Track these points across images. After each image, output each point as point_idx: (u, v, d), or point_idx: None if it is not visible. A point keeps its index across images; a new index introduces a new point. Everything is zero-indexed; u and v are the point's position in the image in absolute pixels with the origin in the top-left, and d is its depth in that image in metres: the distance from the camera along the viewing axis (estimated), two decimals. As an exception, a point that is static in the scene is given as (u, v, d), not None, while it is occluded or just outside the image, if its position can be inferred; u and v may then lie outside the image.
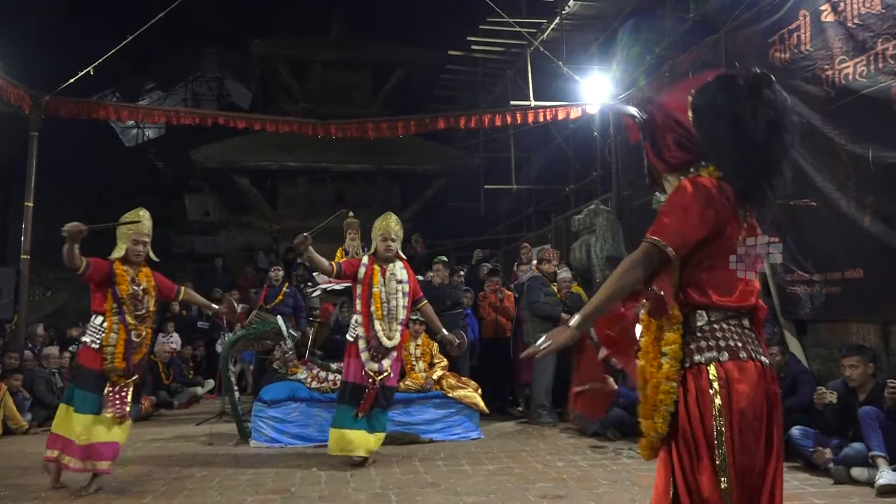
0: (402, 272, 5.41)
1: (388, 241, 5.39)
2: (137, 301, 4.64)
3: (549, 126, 12.03)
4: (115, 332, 4.50)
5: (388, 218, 5.50)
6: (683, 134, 2.07)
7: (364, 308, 5.27)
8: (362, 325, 5.25)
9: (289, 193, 16.54)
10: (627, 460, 5.30)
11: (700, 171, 2.05)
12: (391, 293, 5.30)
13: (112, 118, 10.90)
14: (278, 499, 4.19)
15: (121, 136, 22.19)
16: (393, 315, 5.29)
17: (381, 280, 5.31)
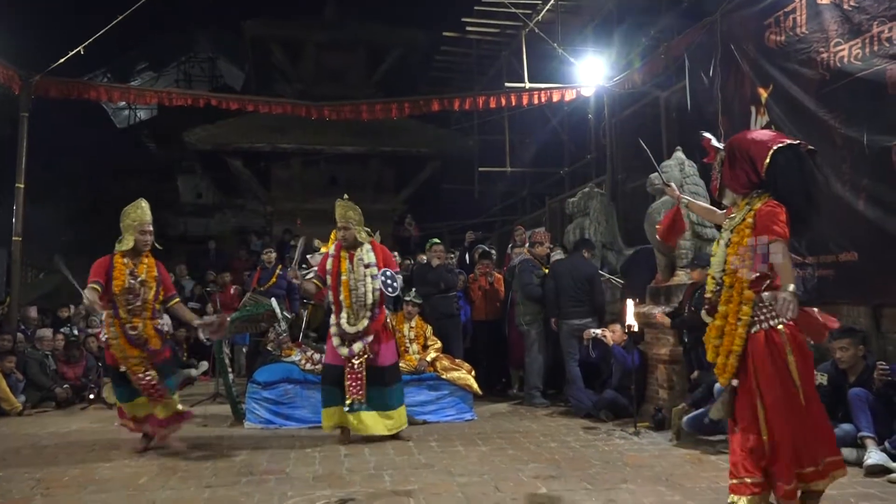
0: (369, 255, 5.45)
1: (343, 229, 5.45)
2: (133, 294, 4.82)
3: (544, 108, 12.00)
4: (112, 327, 4.73)
5: (340, 206, 5.52)
6: (751, 172, 3.17)
7: (334, 297, 5.40)
8: (334, 312, 5.41)
9: (282, 175, 16.48)
10: (619, 441, 5.34)
11: (761, 197, 3.17)
12: (359, 279, 5.36)
13: (103, 99, 10.79)
14: (273, 479, 4.21)
15: (112, 117, 21.99)
16: (361, 301, 5.33)
17: (348, 267, 5.39)
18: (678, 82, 8.62)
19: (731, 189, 3.30)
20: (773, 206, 3.09)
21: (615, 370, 6.37)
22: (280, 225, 15.19)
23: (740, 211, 3.25)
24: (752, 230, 3.12)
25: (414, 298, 6.92)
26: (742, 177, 3.21)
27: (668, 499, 3.71)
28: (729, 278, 3.23)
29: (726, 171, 3.28)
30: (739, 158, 3.21)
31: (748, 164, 3.18)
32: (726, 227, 3.33)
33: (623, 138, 10.45)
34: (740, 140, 3.29)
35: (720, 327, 3.25)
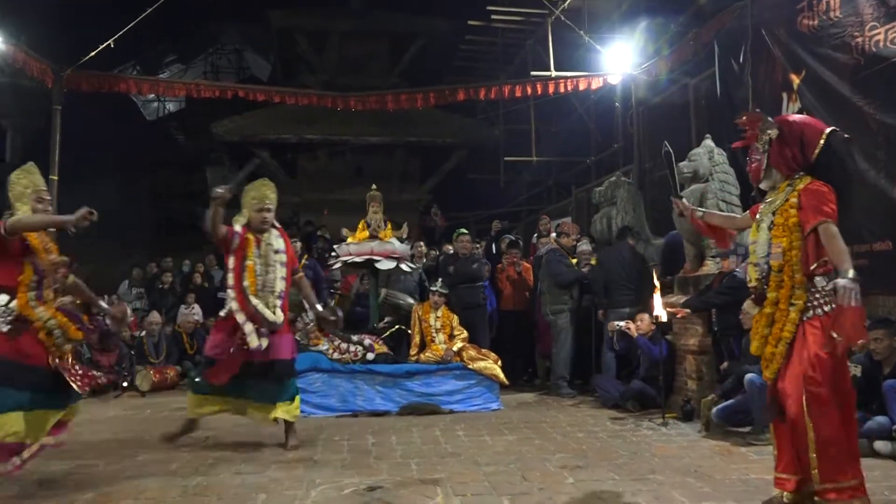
0: (278, 241, 5.06)
1: (264, 211, 4.99)
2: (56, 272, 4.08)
3: (570, 97, 11.89)
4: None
5: (262, 186, 5.09)
6: (798, 154, 3.14)
7: (237, 282, 4.86)
8: (236, 300, 4.82)
9: (308, 166, 16.58)
10: (647, 432, 5.31)
11: (802, 178, 3.13)
12: (269, 265, 4.96)
13: (133, 91, 10.93)
14: (301, 467, 4.26)
15: (142, 109, 22.29)
16: (270, 288, 4.92)
17: (255, 251, 4.92)
18: (707, 69, 8.49)
19: (778, 169, 3.22)
20: (820, 186, 3.03)
21: (642, 361, 6.33)
22: (307, 215, 15.28)
23: (780, 192, 3.19)
24: (796, 210, 3.05)
25: (440, 288, 6.94)
26: (789, 158, 3.16)
27: (696, 490, 3.68)
28: (777, 262, 3.10)
29: (775, 150, 3.19)
30: (790, 139, 3.15)
31: (797, 146, 3.13)
32: (766, 211, 3.24)
33: (651, 127, 10.32)
34: (791, 121, 3.24)
35: (770, 315, 3.12)
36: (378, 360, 6.47)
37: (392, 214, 8.23)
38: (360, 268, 7.62)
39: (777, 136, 3.19)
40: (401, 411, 6.20)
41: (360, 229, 7.36)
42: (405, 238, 7.77)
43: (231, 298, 4.86)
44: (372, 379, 6.34)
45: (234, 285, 4.86)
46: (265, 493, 3.66)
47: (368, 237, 7.18)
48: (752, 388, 4.86)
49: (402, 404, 6.26)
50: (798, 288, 3.03)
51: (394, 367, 6.44)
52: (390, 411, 6.21)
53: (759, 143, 3.28)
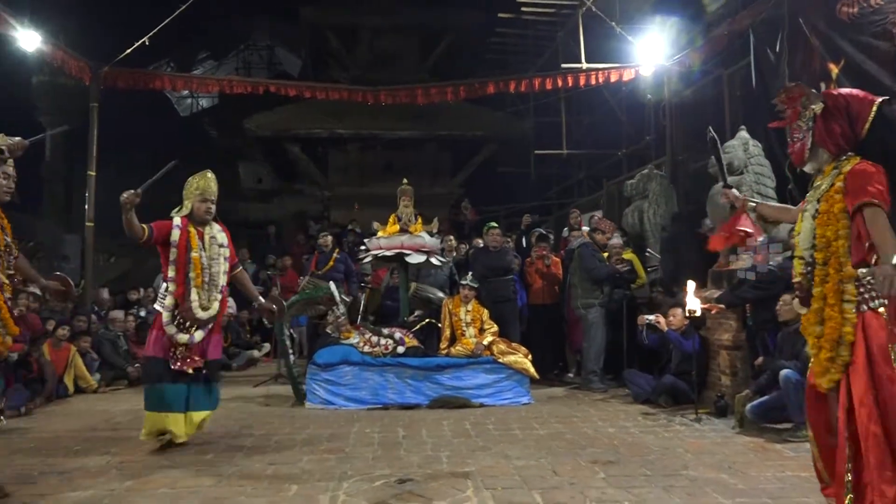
0: (221, 235, 4.98)
1: (208, 202, 4.91)
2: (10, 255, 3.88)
3: (601, 89, 11.79)
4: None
5: (205, 177, 5.02)
6: (847, 130, 2.83)
7: (180, 275, 4.72)
8: (174, 294, 4.70)
9: (339, 161, 16.68)
10: (679, 427, 5.25)
11: (849, 160, 2.82)
12: (213, 258, 4.85)
13: (167, 88, 11.14)
14: (333, 458, 4.30)
15: (176, 105, 22.65)
16: (214, 282, 4.83)
17: (199, 244, 4.81)
18: (742, 59, 8.34)
19: (825, 147, 2.91)
20: (867, 166, 2.74)
21: (674, 354, 6.26)
22: (338, 210, 15.40)
23: (826, 176, 2.90)
24: (842, 195, 2.76)
25: (470, 282, 6.94)
26: (837, 134, 2.85)
27: (730, 487, 3.63)
28: (822, 254, 2.82)
29: (821, 127, 2.89)
30: (836, 113, 2.86)
31: (845, 120, 2.84)
32: (811, 198, 2.95)
33: (683, 118, 10.17)
34: (836, 94, 2.92)
35: (818, 311, 2.82)
36: (408, 354, 6.50)
37: (422, 208, 8.24)
38: (391, 261, 7.65)
39: (822, 111, 2.89)
40: (431, 404, 6.22)
41: (391, 223, 7.39)
42: (435, 232, 7.78)
43: (169, 292, 4.72)
44: (402, 372, 6.38)
45: (176, 277, 4.71)
46: (297, 484, 3.70)
47: (399, 231, 7.21)
48: (788, 385, 4.77)
49: (433, 397, 6.28)
50: (846, 282, 2.73)
51: (424, 360, 6.47)
52: (421, 404, 6.24)
53: (801, 121, 2.98)
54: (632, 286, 7.82)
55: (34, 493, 3.58)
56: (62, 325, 7.34)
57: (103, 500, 3.43)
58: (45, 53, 8.73)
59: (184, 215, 4.87)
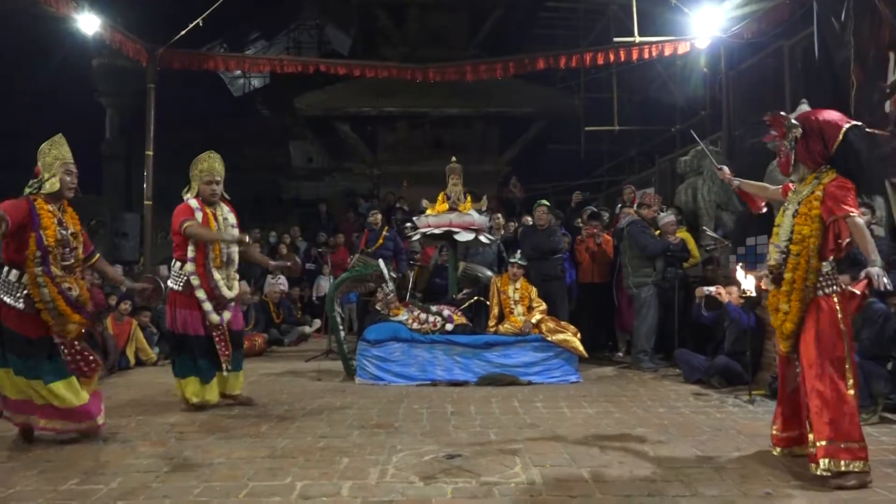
0: (230, 215, 5.12)
1: (213, 183, 4.97)
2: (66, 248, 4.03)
3: (655, 63, 11.48)
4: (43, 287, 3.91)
5: (210, 157, 5.08)
6: (822, 149, 3.44)
7: (200, 255, 4.86)
8: (198, 274, 4.86)
9: (388, 139, 16.72)
10: (732, 409, 5.16)
11: (827, 172, 3.44)
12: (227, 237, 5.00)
13: (221, 68, 11.30)
14: (383, 433, 4.37)
15: (229, 86, 23.01)
16: (231, 261, 5.02)
17: (215, 225, 4.96)
18: (804, 30, 8.00)
19: (804, 163, 3.53)
20: (843, 183, 3.35)
21: (729, 333, 6.12)
22: (387, 187, 15.47)
23: (807, 185, 3.51)
24: (820, 203, 3.38)
25: (519, 260, 6.91)
26: (814, 153, 3.46)
27: (784, 470, 3.55)
28: (797, 247, 3.45)
29: (801, 146, 3.50)
30: (812, 136, 3.46)
31: (819, 141, 3.44)
32: (792, 200, 3.58)
33: (741, 92, 9.85)
34: (812, 119, 3.49)
35: (787, 293, 3.50)
36: (457, 331, 6.54)
37: (471, 186, 8.22)
38: (439, 239, 7.68)
39: (801, 134, 3.50)
40: (479, 382, 6.25)
41: (440, 201, 7.40)
42: (484, 210, 7.76)
43: (191, 273, 4.85)
44: (451, 349, 6.42)
45: (196, 258, 4.84)
46: (348, 458, 3.78)
47: (448, 209, 7.22)
48: (848, 367, 4.64)
49: (481, 375, 6.31)
50: (811, 272, 3.41)
51: (472, 337, 6.49)
52: (469, 381, 6.27)
53: (786, 141, 3.57)
54: (684, 265, 7.68)
55: (99, 459, 3.75)
56: (124, 300, 7.61)
57: (163, 468, 3.57)
58: (103, 36, 8.96)
59: (195, 196, 4.99)
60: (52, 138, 4.14)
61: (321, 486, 3.27)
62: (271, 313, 9.82)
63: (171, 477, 3.43)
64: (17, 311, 3.89)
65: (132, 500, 3.09)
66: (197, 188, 4.99)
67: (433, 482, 3.34)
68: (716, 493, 3.18)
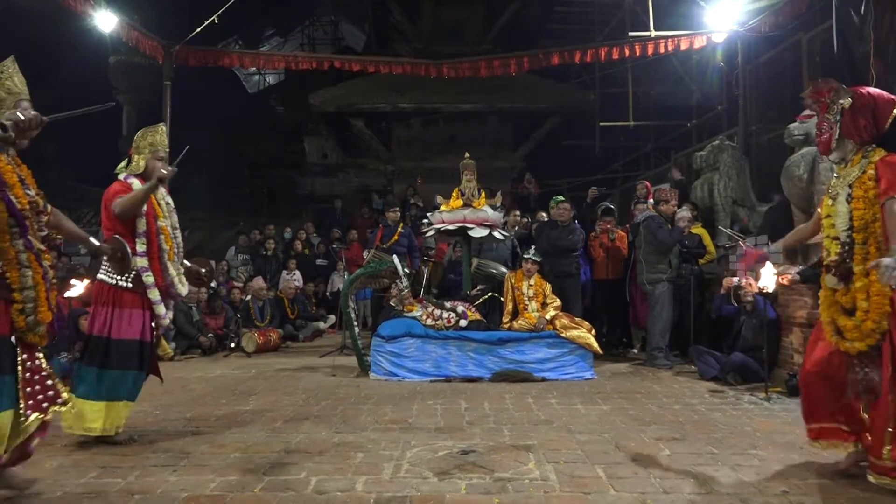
0: (168, 197, 4.37)
1: (164, 159, 4.26)
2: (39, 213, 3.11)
3: (670, 57, 11.40)
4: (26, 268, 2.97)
5: (158, 131, 4.33)
6: (871, 125, 3.16)
7: (153, 248, 4.10)
8: (152, 269, 4.08)
9: (402, 135, 16.73)
10: (748, 406, 5.12)
11: (875, 150, 3.17)
12: (175, 226, 4.31)
13: (236, 65, 11.38)
14: (397, 428, 4.39)
15: (244, 82, 23.12)
16: (180, 253, 4.33)
17: (162, 210, 4.23)
18: (823, 23, 7.90)
19: (851, 138, 3.25)
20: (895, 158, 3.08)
21: (745, 328, 6.06)
22: (401, 183, 15.49)
23: (854, 165, 3.22)
24: (874, 182, 3.08)
25: (533, 256, 6.90)
26: (862, 127, 3.19)
27: (801, 468, 3.53)
28: (861, 234, 3.12)
29: (848, 120, 3.22)
30: (862, 109, 3.19)
31: (870, 116, 3.18)
32: (840, 184, 3.27)
33: (758, 87, 9.76)
34: (862, 91, 3.25)
35: (864, 287, 3.10)
36: (471, 327, 6.54)
37: (486, 182, 8.21)
38: (453, 235, 7.67)
39: (850, 106, 3.21)
40: (493, 378, 6.25)
41: (455, 197, 7.40)
42: (499, 206, 7.75)
43: (143, 268, 4.05)
44: (465, 345, 6.42)
45: (148, 251, 4.08)
46: (363, 453, 3.79)
47: (462, 205, 7.21)
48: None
49: (495, 371, 6.31)
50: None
51: (486, 333, 6.50)
52: (483, 378, 6.28)
53: (829, 114, 3.30)
54: (700, 261, 7.62)
55: (116, 452, 3.79)
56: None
57: (180, 462, 3.60)
58: (120, 34, 9.03)
59: (136, 174, 4.18)
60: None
61: (336, 481, 3.29)
62: (286, 309, 9.87)
63: (188, 471, 3.46)
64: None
65: (149, 494, 3.12)
66: (143, 164, 4.18)
67: (447, 478, 3.34)
68: (731, 492, 3.17)
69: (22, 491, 3.07)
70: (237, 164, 19.02)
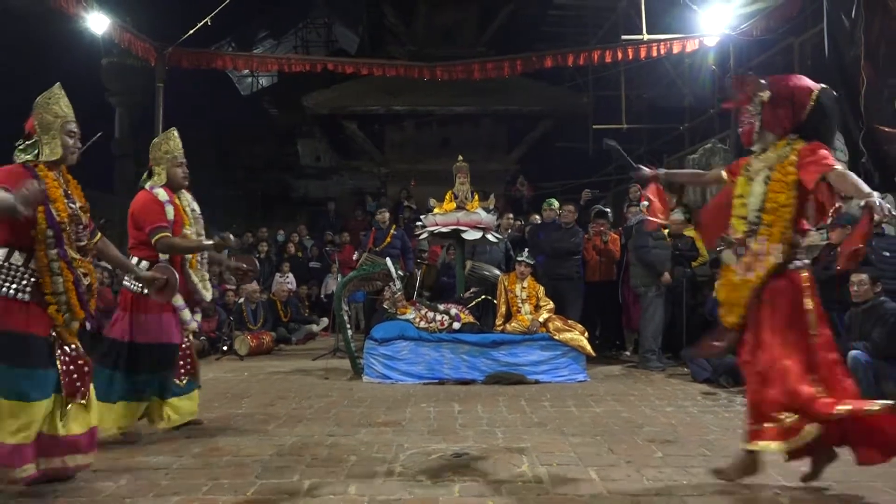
0: (195, 204, 4.40)
1: (183, 164, 4.32)
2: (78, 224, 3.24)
3: (663, 61, 11.45)
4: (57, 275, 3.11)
5: (172, 137, 4.37)
6: (790, 115, 3.20)
7: (178, 256, 4.15)
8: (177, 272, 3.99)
9: (396, 137, 16.73)
10: (741, 408, 5.13)
11: (797, 140, 3.20)
12: (199, 233, 4.32)
13: (229, 67, 11.36)
14: (390, 431, 4.38)
15: (237, 84, 23.07)
16: (204, 258, 4.34)
17: (188, 218, 4.26)
18: (814, 27, 7.95)
19: (771, 130, 3.28)
20: (816, 146, 3.13)
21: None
22: (395, 186, 15.49)
23: (777, 150, 3.24)
24: (794, 168, 3.13)
25: (527, 259, 6.90)
26: (782, 118, 3.24)
27: (795, 470, 3.53)
28: (770, 216, 3.18)
29: (768, 112, 3.26)
30: (781, 100, 3.23)
31: (789, 107, 3.22)
32: (758, 167, 3.29)
33: (750, 90, 9.79)
34: (781, 82, 3.30)
35: (748, 264, 3.22)
36: (464, 330, 6.54)
37: (479, 184, 8.21)
38: (447, 238, 7.68)
39: (769, 99, 3.26)
40: (486, 380, 6.25)
41: (448, 200, 7.40)
42: (492, 208, 7.75)
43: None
44: (458, 348, 6.42)
45: (171, 259, 4.08)
46: (355, 455, 3.79)
47: (456, 208, 7.22)
48: (857, 366, 4.62)
49: (488, 373, 6.31)
50: (784, 243, 3.13)
51: (480, 336, 6.50)
52: (476, 380, 6.28)
53: (751, 106, 3.34)
54: (693, 264, 7.64)
55: (110, 456, 3.76)
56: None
57: (173, 465, 3.58)
58: (113, 36, 9.00)
59: (163, 185, 4.21)
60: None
61: (328, 484, 3.28)
62: (279, 312, 9.85)
63: (180, 474, 3.44)
64: (20, 304, 3.05)
65: (141, 497, 3.11)
66: (165, 174, 4.23)
67: (441, 481, 3.34)
68: (724, 493, 3.17)
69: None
70: (230, 166, 18.96)
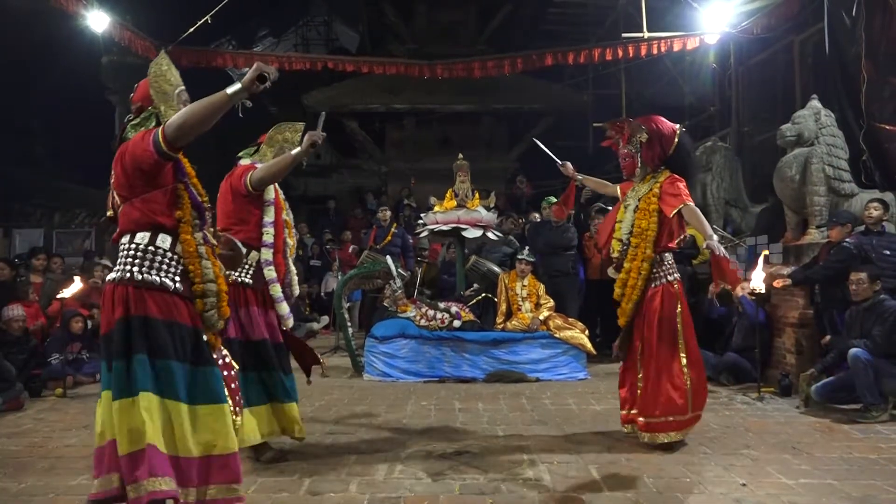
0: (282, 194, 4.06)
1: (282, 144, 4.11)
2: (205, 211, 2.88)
3: (663, 59, 11.43)
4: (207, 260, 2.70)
5: (296, 130, 4.25)
6: (660, 152, 4.02)
7: (279, 241, 3.76)
8: (275, 264, 3.71)
9: (396, 136, 16.72)
10: (741, 406, 5.14)
11: (662, 171, 4.02)
12: (291, 226, 4.05)
13: (229, 65, 11.31)
14: (391, 429, 4.39)
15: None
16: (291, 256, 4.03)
17: (285, 206, 3.96)
18: (815, 24, 7.94)
19: (648, 164, 4.05)
20: (675, 179, 3.91)
21: (738, 329, 6.08)
22: (395, 184, 15.48)
23: (646, 183, 4.02)
24: (658, 199, 3.88)
25: (527, 257, 6.90)
26: (655, 155, 4.00)
27: (794, 467, 3.54)
28: (637, 239, 3.94)
29: (646, 149, 4.02)
30: (654, 139, 3.99)
31: (658, 145, 3.98)
32: (632, 197, 4.06)
33: (750, 88, 9.80)
34: (651, 126, 4.01)
35: (624, 280, 4.02)
36: (465, 328, 6.54)
37: (479, 183, 8.20)
38: (447, 236, 7.68)
39: (646, 139, 3.99)
40: (487, 378, 6.26)
41: (448, 198, 7.40)
42: (492, 206, 7.76)
43: (266, 262, 3.68)
44: (459, 346, 6.43)
45: (274, 243, 3.71)
46: (356, 454, 3.79)
47: (456, 206, 7.22)
48: (858, 364, 4.62)
49: (489, 371, 6.32)
50: (646, 261, 3.90)
51: (480, 334, 6.50)
52: (477, 378, 6.28)
53: (630, 146, 4.08)
54: (693, 262, 7.64)
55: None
56: None
57: (173, 464, 3.58)
58: (113, 34, 8.99)
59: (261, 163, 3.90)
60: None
61: (329, 482, 3.29)
62: (279, 310, 9.83)
63: (181, 472, 3.44)
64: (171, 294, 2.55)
65: (142, 495, 3.10)
66: (272, 156, 4.00)
67: (441, 478, 3.35)
68: (724, 491, 3.18)
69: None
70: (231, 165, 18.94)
